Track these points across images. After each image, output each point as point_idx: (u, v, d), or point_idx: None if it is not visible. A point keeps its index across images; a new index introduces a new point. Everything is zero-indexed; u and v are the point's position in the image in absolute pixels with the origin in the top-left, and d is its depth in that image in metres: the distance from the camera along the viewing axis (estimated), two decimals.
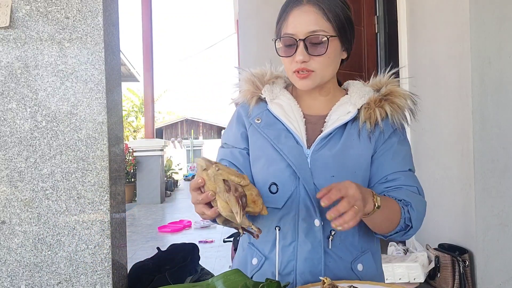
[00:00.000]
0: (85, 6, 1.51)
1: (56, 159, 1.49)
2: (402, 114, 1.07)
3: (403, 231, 1.00)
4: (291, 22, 1.01)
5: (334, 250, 1.03)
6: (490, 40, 2.00)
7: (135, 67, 11.66)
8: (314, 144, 1.04)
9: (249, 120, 1.10)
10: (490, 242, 2.00)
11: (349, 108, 1.06)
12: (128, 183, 7.53)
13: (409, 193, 1.02)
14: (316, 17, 1.00)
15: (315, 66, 1.01)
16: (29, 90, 1.48)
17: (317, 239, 1.02)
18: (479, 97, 1.99)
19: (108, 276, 1.51)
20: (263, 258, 1.05)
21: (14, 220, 1.48)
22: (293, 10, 1.02)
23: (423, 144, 2.63)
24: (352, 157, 1.03)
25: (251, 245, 1.10)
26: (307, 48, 0.99)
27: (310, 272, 1.01)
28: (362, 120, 1.05)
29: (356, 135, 1.05)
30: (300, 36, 1.00)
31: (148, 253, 3.07)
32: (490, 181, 2.00)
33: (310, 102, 1.11)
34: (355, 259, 1.05)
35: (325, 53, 1.00)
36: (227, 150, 1.11)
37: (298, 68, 1.01)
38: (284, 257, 1.03)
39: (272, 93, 1.11)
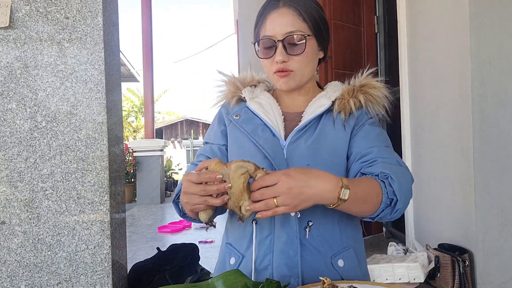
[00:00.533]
0: (85, 6, 1.51)
1: (56, 159, 1.49)
2: (379, 105, 1.09)
3: (390, 207, 0.93)
4: (269, 25, 1.05)
5: (312, 242, 1.01)
6: (490, 40, 2.00)
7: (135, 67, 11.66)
8: (290, 135, 1.07)
9: (228, 117, 1.15)
10: (490, 242, 2.00)
11: (324, 101, 1.10)
12: (128, 183, 7.53)
13: (385, 165, 0.97)
14: (292, 18, 1.04)
15: (295, 65, 1.05)
16: (28, 90, 1.48)
17: (293, 229, 1.01)
18: (479, 97, 1.99)
19: (108, 276, 1.51)
20: (240, 257, 1.05)
21: (14, 221, 1.48)
22: (270, 13, 1.06)
23: (423, 144, 2.63)
24: (327, 146, 1.04)
25: (228, 245, 1.10)
26: (286, 48, 1.03)
27: (286, 265, 0.99)
28: (336, 110, 1.08)
29: (331, 125, 1.08)
30: (278, 37, 1.04)
31: (148, 253, 3.07)
32: (490, 181, 2.00)
33: (289, 101, 1.15)
34: (336, 254, 1.03)
35: (304, 52, 1.04)
36: (207, 146, 1.16)
37: (278, 68, 1.05)
38: (261, 251, 1.02)
39: (253, 93, 1.16)
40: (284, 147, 1.06)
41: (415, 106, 2.73)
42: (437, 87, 2.38)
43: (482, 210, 1.99)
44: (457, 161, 2.16)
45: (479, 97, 1.99)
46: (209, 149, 1.14)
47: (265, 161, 1.04)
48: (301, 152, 1.04)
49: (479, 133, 1.99)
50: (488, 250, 1.99)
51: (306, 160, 1.02)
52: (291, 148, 1.05)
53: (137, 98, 16.02)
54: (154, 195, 7.26)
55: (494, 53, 2.00)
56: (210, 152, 1.14)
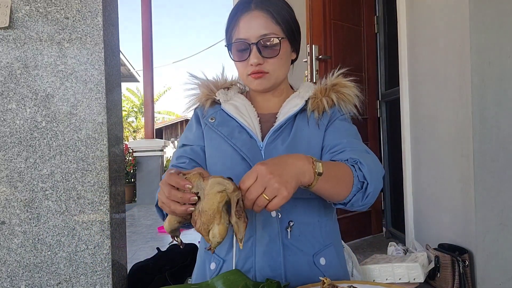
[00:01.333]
0: (85, 6, 1.51)
1: (56, 159, 1.49)
2: (350, 103, 1.11)
3: (361, 191, 0.91)
4: (242, 27, 1.05)
5: (294, 242, 1.01)
6: (490, 40, 2.00)
7: (135, 67, 11.66)
8: (267, 136, 1.07)
9: (203, 120, 1.14)
10: (490, 242, 2.00)
11: (297, 101, 1.11)
12: (128, 183, 7.53)
13: (354, 152, 0.97)
14: (265, 21, 1.04)
15: (269, 67, 1.06)
16: (28, 91, 1.48)
17: (274, 230, 1.00)
18: (479, 97, 1.99)
19: (108, 276, 1.51)
20: (221, 261, 1.04)
21: (14, 221, 1.48)
22: (243, 16, 1.05)
23: (422, 144, 2.63)
24: (303, 145, 1.05)
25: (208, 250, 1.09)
26: (260, 51, 1.04)
27: (269, 266, 0.99)
28: (310, 109, 1.09)
29: (305, 124, 1.09)
30: (253, 40, 1.04)
31: (148, 253, 3.07)
32: (490, 181, 2.00)
33: (263, 103, 1.16)
34: (317, 253, 1.03)
35: (278, 55, 1.05)
36: (187, 148, 1.12)
37: (254, 71, 1.05)
38: (242, 254, 1.01)
39: (227, 95, 1.16)
40: (262, 148, 1.06)
41: (415, 106, 2.73)
42: (437, 87, 2.38)
43: (482, 210, 1.99)
44: (457, 161, 2.16)
45: (479, 97, 1.99)
46: (189, 151, 1.11)
47: (243, 163, 1.03)
48: (278, 153, 1.03)
49: (479, 133, 1.99)
50: (488, 250, 1.99)
51: None
52: (269, 149, 1.05)
53: (137, 98, 16.02)
54: (154, 195, 7.22)
55: (494, 53, 2.00)
56: (192, 153, 1.11)
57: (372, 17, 3.61)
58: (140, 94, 15.46)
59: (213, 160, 1.09)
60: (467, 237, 2.08)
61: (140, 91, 15.34)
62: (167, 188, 0.80)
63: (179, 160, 1.10)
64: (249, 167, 1.01)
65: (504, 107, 2.00)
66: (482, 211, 1.99)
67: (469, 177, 2.02)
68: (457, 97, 2.13)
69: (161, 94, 16.79)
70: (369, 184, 0.91)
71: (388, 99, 3.49)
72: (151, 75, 7.41)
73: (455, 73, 2.16)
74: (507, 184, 2.00)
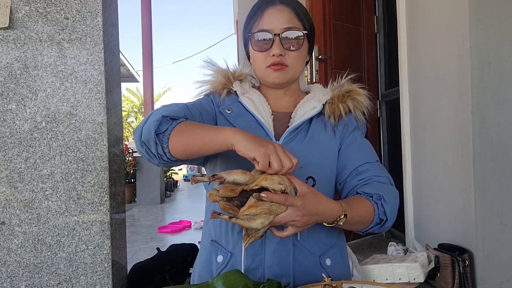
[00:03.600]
0: (85, 6, 1.51)
1: (56, 159, 1.49)
2: (361, 111, 1.13)
3: (378, 225, 1.01)
4: (266, 19, 1.06)
5: (302, 242, 1.03)
6: (489, 40, 2.00)
7: (134, 67, 11.66)
8: (283, 136, 1.07)
9: (219, 109, 1.11)
10: (490, 242, 2.00)
11: (314, 103, 1.11)
12: (127, 183, 7.52)
13: (380, 185, 1.03)
14: (290, 16, 1.06)
15: (290, 61, 1.06)
16: (28, 91, 1.48)
17: None
18: (478, 97, 1.99)
19: (108, 276, 1.51)
20: (228, 255, 1.04)
21: (14, 221, 1.48)
22: (267, 9, 1.07)
23: (422, 143, 2.63)
24: (318, 150, 1.06)
25: (214, 242, 1.08)
26: (282, 43, 1.04)
27: (278, 265, 1.00)
28: (328, 114, 1.10)
29: (322, 128, 1.10)
30: (276, 31, 1.04)
31: (148, 253, 3.07)
32: (490, 180, 2.00)
33: (275, 101, 1.15)
34: (323, 254, 1.05)
35: (300, 48, 1.06)
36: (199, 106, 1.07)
37: (274, 62, 1.05)
38: (251, 250, 1.01)
39: (242, 88, 1.14)
40: None
41: (415, 105, 2.73)
42: (437, 87, 2.38)
43: (482, 210, 1.99)
44: (457, 161, 2.16)
45: (479, 97, 1.99)
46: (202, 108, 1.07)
47: None
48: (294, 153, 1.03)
49: (479, 132, 1.99)
50: (488, 250, 1.99)
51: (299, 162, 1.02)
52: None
53: (137, 98, 16.02)
54: (154, 195, 7.26)
55: (494, 52, 2.00)
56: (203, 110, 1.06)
57: (372, 17, 3.61)
58: (140, 94, 15.46)
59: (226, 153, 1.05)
60: (467, 237, 2.08)
61: (140, 91, 15.34)
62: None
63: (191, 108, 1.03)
64: None
65: (504, 107, 2.00)
66: (482, 211, 1.99)
67: (469, 177, 2.02)
68: (457, 96, 2.13)
69: (161, 94, 16.79)
70: (388, 221, 1.01)
71: (388, 99, 3.49)
72: (151, 75, 7.41)
73: (455, 73, 2.16)
74: (507, 183, 2.00)
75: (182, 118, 0.95)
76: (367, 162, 1.07)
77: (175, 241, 3.30)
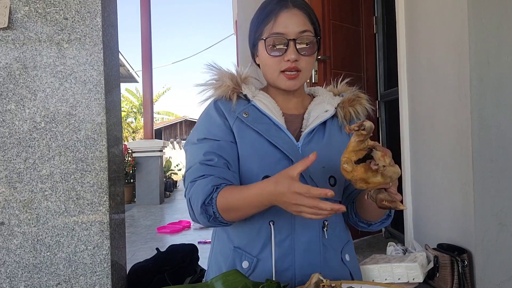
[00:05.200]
0: (84, 7, 1.51)
1: (55, 160, 1.49)
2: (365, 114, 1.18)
3: (385, 220, 1.09)
4: (281, 23, 1.04)
5: (329, 241, 1.05)
6: (488, 41, 2.01)
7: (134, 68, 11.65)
8: (303, 137, 1.08)
9: (234, 115, 1.08)
10: (489, 242, 2.00)
11: (327, 107, 1.13)
12: (127, 184, 7.52)
13: None
14: (304, 20, 1.05)
15: (303, 65, 1.05)
16: (28, 91, 1.48)
17: (315, 230, 1.03)
18: (478, 97, 2.00)
19: (107, 277, 1.51)
20: (254, 260, 1.02)
21: (13, 221, 1.48)
22: (281, 12, 1.05)
23: (421, 144, 2.63)
24: (336, 151, 1.05)
25: (237, 249, 1.06)
26: (297, 48, 1.03)
27: (310, 265, 1.01)
28: (342, 116, 1.14)
29: (338, 130, 1.13)
30: (291, 35, 1.03)
31: (148, 254, 3.07)
32: (489, 180, 2.00)
33: (283, 102, 1.15)
34: (343, 249, 1.09)
35: (314, 54, 1.07)
36: (214, 143, 1.05)
37: (288, 67, 1.04)
38: (280, 252, 1.01)
39: (251, 91, 1.12)
40: (299, 148, 1.06)
41: (414, 106, 2.74)
42: (436, 87, 2.39)
43: (481, 210, 1.99)
44: (456, 161, 2.16)
45: (478, 97, 1.99)
46: (217, 146, 1.04)
47: (284, 161, 1.03)
48: None
49: (478, 133, 1.99)
50: (487, 250, 1.99)
51: (321, 163, 1.03)
52: (306, 150, 1.06)
53: (136, 98, 16.01)
54: (154, 195, 7.25)
55: (493, 52, 2.00)
56: (219, 149, 1.04)
57: (371, 17, 3.61)
58: (139, 95, 15.46)
59: (247, 158, 1.05)
60: (466, 237, 2.08)
61: (139, 92, 15.34)
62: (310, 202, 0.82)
63: (207, 157, 1.03)
64: (290, 164, 1.00)
65: (503, 107, 2.00)
66: (481, 211, 1.99)
67: (468, 177, 2.02)
68: (456, 97, 2.13)
69: (160, 95, 16.78)
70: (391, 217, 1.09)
71: (387, 99, 3.50)
72: (150, 76, 7.40)
73: (454, 73, 2.16)
74: (506, 184, 2.00)
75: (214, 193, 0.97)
76: None
77: (175, 242, 3.30)
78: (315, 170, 1.03)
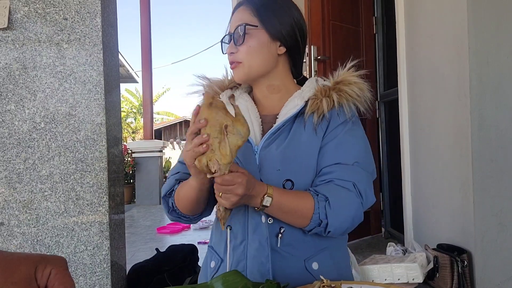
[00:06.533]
0: (84, 7, 1.51)
1: (55, 160, 1.49)
2: (357, 101, 1.04)
3: (320, 227, 0.96)
4: (230, 23, 1.10)
5: (284, 248, 1.00)
6: (488, 41, 2.01)
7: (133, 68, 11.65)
8: (262, 140, 1.04)
9: None
10: (489, 242, 2.00)
11: (298, 101, 1.06)
12: (127, 184, 7.51)
13: (336, 188, 0.96)
14: (244, 13, 1.07)
15: (241, 56, 1.05)
16: (27, 92, 1.48)
17: (264, 236, 0.99)
18: (477, 97, 2.00)
19: (107, 277, 1.51)
20: (219, 261, 1.06)
21: (13, 222, 1.48)
22: (233, 14, 1.11)
23: (421, 144, 2.63)
24: (298, 150, 1.01)
25: (211, 248, 1.11)
26: (235, 41, 1.06)
27: (258, 271, 0.98)
28: (308, 112, 1.03)
29: (302, 127, 1.03)
30: (232, 31, 1.07)
31: (147, 254, 3.07)
32: (489, 181, 2.00)
33: (264, 102, 1.12)
34: (309, 258, 1.01)
35: (244, 42, 1.04)
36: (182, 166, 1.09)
37: (229, 61, 1.07)
38: (235, 256, 1.02)
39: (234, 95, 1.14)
40: (257, 152, 1.03)
41: (413, 106, 2.74)
42: (436, 88, 2.39)
43: (480, 210, 1.99)
44: (456, 161, 2.16)
45: (477, 97, 1.99)
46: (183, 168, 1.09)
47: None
48: (272, 157, 1.01)
49: (477, 133, 1.99)
50: (486, 250, 2.00)
51: (277, 165, 1.00)
52: (263, 153, 1.02)
53: (136, 99, 16.02)
54: (153, 196, 7.25)
55: (492, 53, 2.00)
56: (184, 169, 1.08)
57: (371, 17, 3.61)
58: (139, 95, 15.46)
59: None
60: (465, 237, 2.08)
61: (139, 92, 15.34)
62: (189, 139, 0.87)
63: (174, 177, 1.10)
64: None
65: (502, 107, 2.00)
66: (480, 211, 1.99)
67: (468, 177, 2.03)
68: (456, 97, 2.14)
69: (160, 95, 16.79)
70: (329, 225, 0.95)
71: (386, 100, 3.50)
72: (150, 76, 7.40)
73: (453, 73, 2.17)
74: (505, 184, 2.00)
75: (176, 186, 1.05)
76: (338, 163, 0.99)
77: (174, 242, 3.30)
78: (270, 173, 1.00)
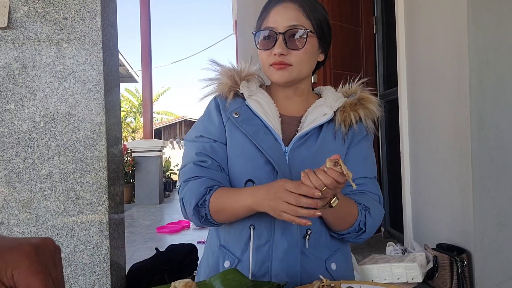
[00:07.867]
0: (83, 7, 1.51)
1: (55, 160, 1.49)
2: (372, 119, 1.11)
3: (356, 233, 1.02)
4: (272, 17, 1.04)
5: (310, 250, 1.02)
6: (488, 41, 2.01)
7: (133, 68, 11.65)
8: (292, 142, 1.04)
9: (226, 114, 1.07)
10: (488, 242, 2.00)
11: (325, 110, 1.08)
12: (126, 183, 7.51)
13: (371, 200, 1.04)
14: (296, 13, 1.03)
15: (293, 60, 1.03)
16: (27, 91, 1.48)
17: (294, 238, 1.00)
18: (477, 97, 2.00)
19: (106, 277, 1.51)
20: (235, 260, 1.03)
21: (12, 221, 1.48)
22: (275, 6, 1.05)
23: (421, 144, 2.63)
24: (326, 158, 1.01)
25: (222, 247, 1.07)
26: (286, 42, 1.02)
27: (286, 273, 0.99)
28: (338, 122, 1.08)
29: (332, 136, 1.07)
30: (280, 29, 1.02)
31: (147, 253, 3.07)
32: (488, 181, 2.00)
33: (284, 102, 1.12)
34: (329, 258, 1.05)
35: (303, 48, 1.03)
36: (206, 144, 1.06)
37: (276, 61, 1.02)
38: (259, 257, 1.01)
39: (249, 89, 1.10)
40: (286, 153, 1.04)
41: (413, 106, 2.74)
42: (436, 88, 2.39)
43: (480, 210, 1.99)
44: (456, 161, 2.16)
45: (477, 97, 1.99)
46: (209, 148, 1.05)
47: (267, 166, 1.01)
48: (303, 159, 1.02)
49: (477, 133, 1.99)
50: (486, 250, 2.00)
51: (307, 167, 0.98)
52: (293, 155, 1.03)
53: (136, 98, 16.01)
54: (153, 195, 7.25)
55: (492, 53, 2.01)
56: (212, 151, 1.05)
57: (371, 17, 3.61)
58: (139, 95, 15.45)
59: (234, 159, 1.05)
60: (465, 237, 2.08)
61: (139, 92, 15.33)
62: (294, 197, 0.85)
63: (200, 158, 1.04)
64: (273, 170, 1.00)
65: (502, 107, 2.00)
66: (480, 211, 1.99)
67: (468, 177, 2.03)
68: (456, 97, 2.14)
69: (159, 95, 16.79)
70: (365, 233, 1.02)
71: (386, 100, 3.50)
72: (149, 76, 7.40)
73: (453, 73, 2.17)
74: (505, 184, 2.00)
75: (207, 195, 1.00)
76: (366, 176, 1.07)
77: (174, 241, 3.30)
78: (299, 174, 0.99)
